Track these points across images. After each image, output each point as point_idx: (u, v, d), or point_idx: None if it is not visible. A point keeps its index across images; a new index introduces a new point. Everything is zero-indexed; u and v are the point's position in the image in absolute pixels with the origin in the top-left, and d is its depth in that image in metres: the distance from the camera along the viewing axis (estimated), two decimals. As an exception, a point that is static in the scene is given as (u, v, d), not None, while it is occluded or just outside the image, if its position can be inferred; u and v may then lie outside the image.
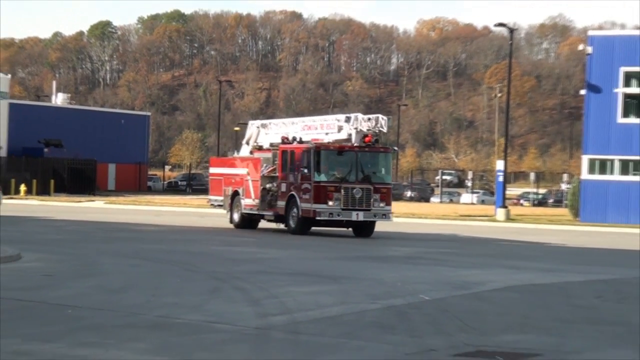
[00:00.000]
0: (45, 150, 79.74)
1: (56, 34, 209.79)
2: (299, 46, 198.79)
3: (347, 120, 35.36)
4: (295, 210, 34.98)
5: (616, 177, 54.58)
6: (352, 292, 18.77)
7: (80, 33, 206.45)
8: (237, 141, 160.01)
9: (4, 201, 46.50)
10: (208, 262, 23.95)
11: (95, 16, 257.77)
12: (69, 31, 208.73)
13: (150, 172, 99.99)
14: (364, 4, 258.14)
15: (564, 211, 65.83)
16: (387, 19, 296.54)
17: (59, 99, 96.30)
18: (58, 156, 79.26)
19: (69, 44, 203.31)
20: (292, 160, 35.40)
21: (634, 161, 54.30)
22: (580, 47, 60.28)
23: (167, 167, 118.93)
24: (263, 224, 38.68)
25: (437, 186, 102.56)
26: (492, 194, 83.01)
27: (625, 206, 53.86)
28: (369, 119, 35.03)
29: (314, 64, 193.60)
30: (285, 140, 36.67)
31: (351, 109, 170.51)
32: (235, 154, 43.71)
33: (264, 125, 40.95)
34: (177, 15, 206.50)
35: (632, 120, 54.40)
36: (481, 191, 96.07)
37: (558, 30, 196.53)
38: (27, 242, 27.52)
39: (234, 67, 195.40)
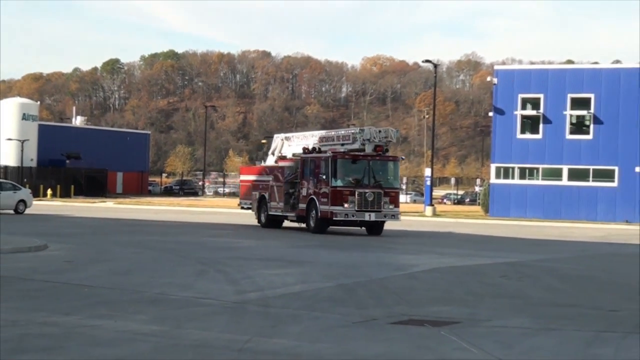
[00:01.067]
0: (67, 161, 79.05)
1: (76, 69, 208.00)
2: (268, 78, 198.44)
3: (361, 132, 33.14)
4: (314, 211, 32.99)
5: (516, 181, 54.99)
6: (311, 273, 18.75)
7: (95, 68, 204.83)
8: (223, 153, 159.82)
9: (34, 202, 46.00)
10: (196, 250, 23.84)
11: (107, 55, 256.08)
12: (86, 67, 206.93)
13: (150, 179, 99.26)
14: (320, 44, 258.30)
15: (477, 208, 66.19)
16: (338, 56, 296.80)
17: (78, 121, 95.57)
18: (77, 166, 78.63)
19: (86, 77, 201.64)
20: (312, 168, 33.34)
21: (529, 168, 54.82)
22: (489, 78, 60.72)
23: (164, 175, 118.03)
24: (286, 223, 36.88)
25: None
26: (421, 195, 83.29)
27: (524, 204, 54.31)
28: (380, 131, 33.29)
29: (280, 92, 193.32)
30: (306, 151, 34.78)
31: (310, 128, 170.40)
32: (262, 163, 41.41)
33: (287, 138, 39.09)
34: (171, 54, 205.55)
35: (528, 136, 54.91)
36: (413, 192, 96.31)
37: (471, 65, 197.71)
38: (52, 235, 27.27)
39: (217, 95, 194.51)
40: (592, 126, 53.32)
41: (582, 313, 13.95)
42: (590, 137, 53.18)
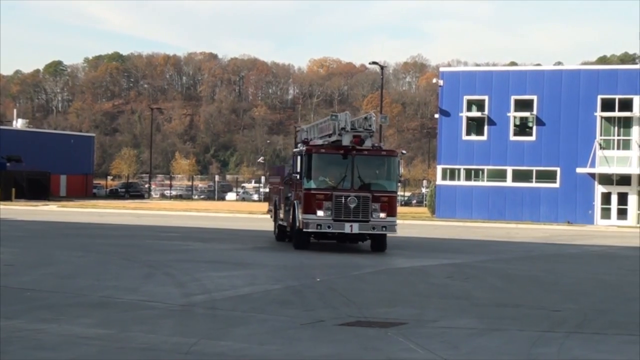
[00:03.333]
0: (8, 164, 77.74)
1: (17, 72, 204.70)
2: (215, 80, 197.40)
3: (334, 118, 25.58)
4: (294, 221, 26.08)
5: (462, 182, 55.45)
6: (259, 275, 18.73)
7: (37, 70, 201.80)
8: (170, 156, 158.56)
9: (-26, 206, 45.11)
10: (142, 253, 23.61)
11: (49, 57, 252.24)
12: (27, 69, 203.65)
13: (95, 181, 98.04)
14: (266, 46, 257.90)
15: (424, 209, 66.64)
16: (285, 58, 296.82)
17: (19, 124, 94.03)
18: (18, 169, 77.36)
19: (27, 79, 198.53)
20: (294, 166, 26.41)
21: (475, 169, 55.36)
22: (434, 80, 61.19)
23: (109, 177, 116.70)
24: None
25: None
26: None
27: (469, 205, 54.82)
28: (365, 117, 25.88)
29: (227, 94, 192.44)
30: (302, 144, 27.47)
31: (257, 131, 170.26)
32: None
33: (309, 130, 30.92)
34: (116, 56, 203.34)
35: (473, 137, 55.43)
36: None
37: (417, 67, 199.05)
38: (-7, 239, 26.77)
39: (163, 97, 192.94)
40: (534, 127, 54.06)
41: (526, 313, 14.16)
42: (533, 138, 53.92)
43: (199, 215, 53.72)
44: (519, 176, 54.12)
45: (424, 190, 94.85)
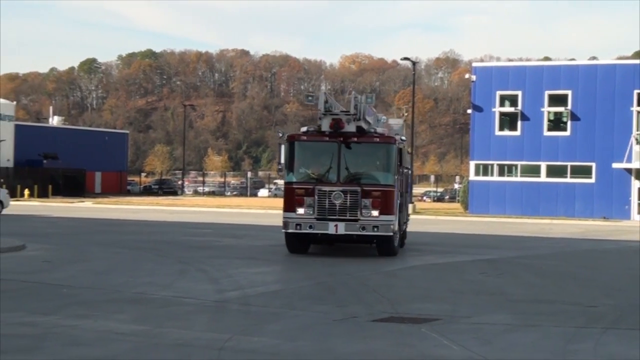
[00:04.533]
0: (44, 161, 78.54)
1: (52, 69, 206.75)
2: (247, 77, 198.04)
3: (309, 99, 22.72)
4: None
5: (495, 178, 55.13)
6: (291, 272, 18.75)
7: (72, 68, 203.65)
8: (202, 152, 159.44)
9: (11, 203, 45.65)
10: (176, 249, 23.74)
11: (84, 54, 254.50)
12: (62, 66, 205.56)
13: (129, 178, 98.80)
14: (298, 42, 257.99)
15: (457, 205, 66.31)
16: (316, 54, 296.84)
17: (55, 121, 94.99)
18: (54, 166, 78.14)
19: (63, 77, 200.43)
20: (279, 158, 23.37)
21: (508, 165, 55.03)
22: (467, 75, 60.86)
23: (142, 174, 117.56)
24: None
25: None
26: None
27: (502, 201, 54.49)
28: (356, 97, 22.09)
29: (259, 90, 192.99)
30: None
31: (289, 127, 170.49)
32: None
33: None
34: (149, 53, 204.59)
35: (506, 133, 55.07)
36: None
37: (450, 62, 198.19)
38: (30, 235, 27.08)
39: (195, 94, 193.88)
40: (569, 123, 53.56)
41: (561, 309, 14.03)
42: (567, 133, 53.42)
43: (231, 212, 53.91)
44: (553, 171, 53.66)
45: (456, 186, 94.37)
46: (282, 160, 21.84)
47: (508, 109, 54.93)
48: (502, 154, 54.71)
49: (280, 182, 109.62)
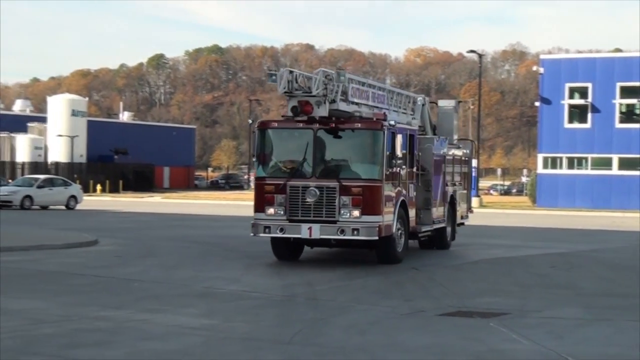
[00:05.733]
0: (115, 157, 79.96)
1: (122, 65, 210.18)
2: (312, 71, 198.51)
3: (271, 78, 17.84)
4: None
5: (564, 171, 54.40)
6: (359, 266, 18.73)
7: (141, 64, 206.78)
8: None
9: (84, 198, 46.60)
10: (243, 244, 23.90)
11: (152, 50, 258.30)
12: (132, 62, 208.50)
13: (196, 173, 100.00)
14: (363, 36, 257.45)
15: (524, 199, 65.51)
16: (381, 48, 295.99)
17: (125, 117, 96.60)
18: (125, 162, 79.50)
19: (132, 72, 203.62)
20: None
21: (577, 158, 54.23)
22: (535, 68, 60.09)
23: (209, 169, 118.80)
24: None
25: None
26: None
27: (572, 194, 53.72)
28: (312, 76, 18.00)
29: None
30: None
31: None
32: None
33: None
34: (216, 49, 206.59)
35: (575, 125, 54.30)
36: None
37: (517, 54, 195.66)
38: (102, 230, 27.61)
39: (260, 88, 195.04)
40: (642, 114, 52.62)
41: (634, 303, 13.75)
42: (640, 125, 52.46)
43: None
44: (626, 164, 52.63)
45: (524, 179, 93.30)
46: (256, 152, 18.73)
47: (578, 101, 54.11)
48: (572, 146, 53.90)
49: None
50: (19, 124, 74.92)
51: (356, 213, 17.51)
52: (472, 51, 63.77)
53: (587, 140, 53.41)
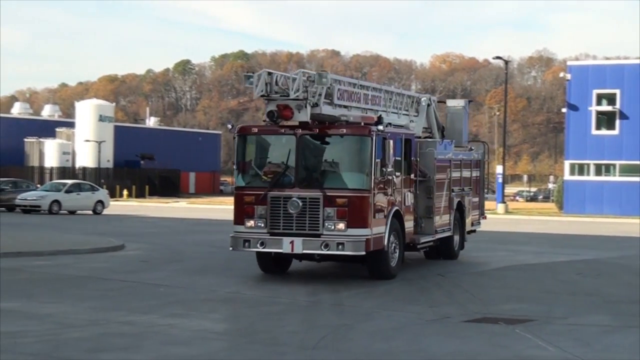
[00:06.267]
0: (141, 162, 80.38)
1: (149, 71, 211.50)
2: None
3: (248, 79, 16.52)
4: None
5: (592, 177, 54.05)
6: (383, 271, 18.66)
7: (167, 69, 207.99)
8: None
9: (111, 203, 46.90)
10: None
11: (178, 56, 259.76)
12: (158, 68, 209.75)
13: (222, 179, 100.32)
14: (388, 42, 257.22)
15: (551, 205, 65.11)
16: (406, 54, 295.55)
17: (151, 122, 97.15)
18: (151, 167, 79.92)
19: (159, 78, 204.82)
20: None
21: (605, 164, 53.85)
22: (562, 74, 59.83)
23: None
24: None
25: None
26: (493, 192, 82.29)
27: (600, 200, 53.33)
28: (290, 77, 16.62)
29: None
30: None
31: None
32: None
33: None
34: (241, 54, 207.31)
35: (603, 132, 53.94)
36: (484, 190, 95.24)
37: (543, 61, 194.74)
38: (129, 235, 27.76)
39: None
40: (672, 121, 52.17)
41: (661, 311, 13.63)
42: (671, 132, 52.04)
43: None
44: (655, 170, 52.24)
45: (550, 185, 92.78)
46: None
47: (605, 107, 53.75)
48: (599, 153, 53.54)
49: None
50: (47, 129, 75.60)
51: (341, 226, 15.98)
52: (498, 57, 63.52)
53: (615, 147, 53.05)
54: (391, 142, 16.74)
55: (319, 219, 16.06)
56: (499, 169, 60.36)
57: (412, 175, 18.50)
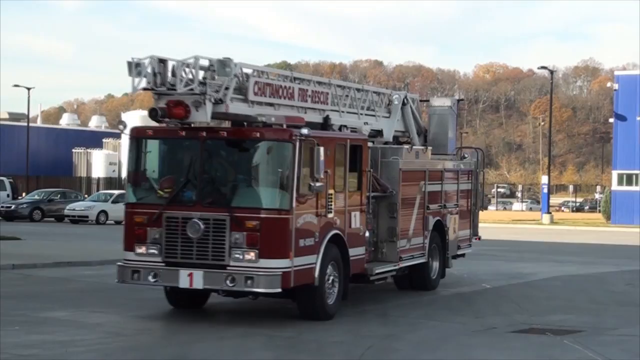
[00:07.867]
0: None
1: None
2: (381, 87, 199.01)
3: (134, 68, 12.71)
4: None
5: (640, 187, 53.42)
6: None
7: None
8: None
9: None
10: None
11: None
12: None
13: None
14: (430, 52, 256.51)
15: (598, 215, 64.32)
16: (449, 64, 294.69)
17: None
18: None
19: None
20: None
21: (654, 174, 53.20)
22: (609, 84, 59.24)
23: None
24: None
25: (493, 197, 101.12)
26: (538, 202, 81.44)
27: (649, 211, 52.67)
28: (186, 63, 12.86)
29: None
30: None
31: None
32: None
33: None
34: (284, 65, 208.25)
35: (652, 141, 53.31)
36: (529, 200, 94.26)
37: (589, 71, 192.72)
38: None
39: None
40: None
41: None
42: None
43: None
44: None
45: (597, 196, 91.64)
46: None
47: (655, 117, 53.07)
48: (648, 163, 52.86)
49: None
50: (94, 139, 76.65)
51: (251, 255, 12.26)
52: (543, 67, 63.02)
53: (664, 157, 52.34)
54: (322, 149, 12.63)
55: (225, 246, 12.36)
56: (544, 179, 59.95)
57: (364, 190, 14.32)
